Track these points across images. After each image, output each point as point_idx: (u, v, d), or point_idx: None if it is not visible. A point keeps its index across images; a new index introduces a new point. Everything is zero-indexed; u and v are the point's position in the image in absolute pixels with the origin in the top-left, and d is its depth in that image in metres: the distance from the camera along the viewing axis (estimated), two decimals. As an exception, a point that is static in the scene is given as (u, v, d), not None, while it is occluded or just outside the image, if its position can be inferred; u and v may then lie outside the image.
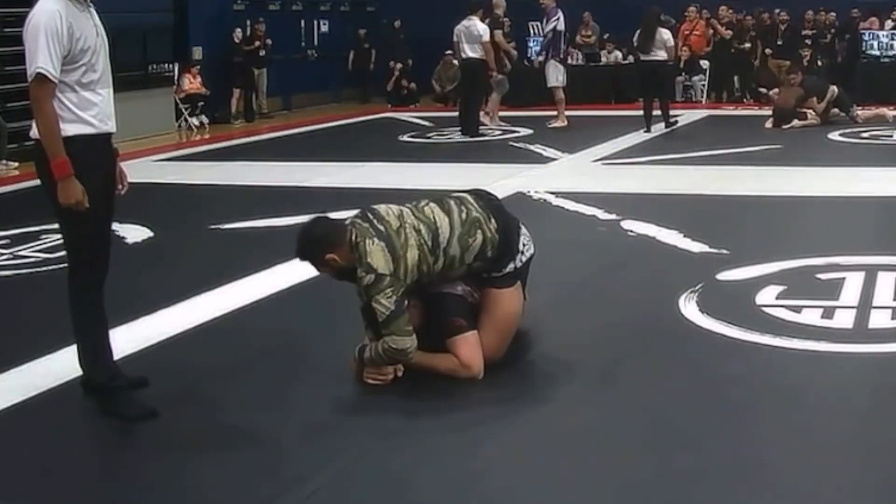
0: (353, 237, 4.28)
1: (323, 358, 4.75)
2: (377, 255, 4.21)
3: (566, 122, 14.02)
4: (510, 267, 4.53)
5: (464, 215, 4.46)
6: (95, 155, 4.06)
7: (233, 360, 4.82)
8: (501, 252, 4.49)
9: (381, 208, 4.42)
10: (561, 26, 13.99)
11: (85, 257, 4.14)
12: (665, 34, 13.49)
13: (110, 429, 4.13)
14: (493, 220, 4.50)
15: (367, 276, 4.19)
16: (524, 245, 4.61)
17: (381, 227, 4.29)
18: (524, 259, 4.60)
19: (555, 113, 14.15)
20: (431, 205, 4.50)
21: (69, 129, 3.97)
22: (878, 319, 5.05)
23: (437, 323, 4.42)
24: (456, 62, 16.91)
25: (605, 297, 5.70)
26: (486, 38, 13.21)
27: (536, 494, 3.41)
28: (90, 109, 4.04)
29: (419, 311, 4.41)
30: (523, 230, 4.65)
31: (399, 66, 18.60)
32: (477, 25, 13.20)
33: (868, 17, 17.22)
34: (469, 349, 4.32)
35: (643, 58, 13.42)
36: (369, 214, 4.39)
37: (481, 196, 4.66)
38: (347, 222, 4.39)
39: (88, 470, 3.79)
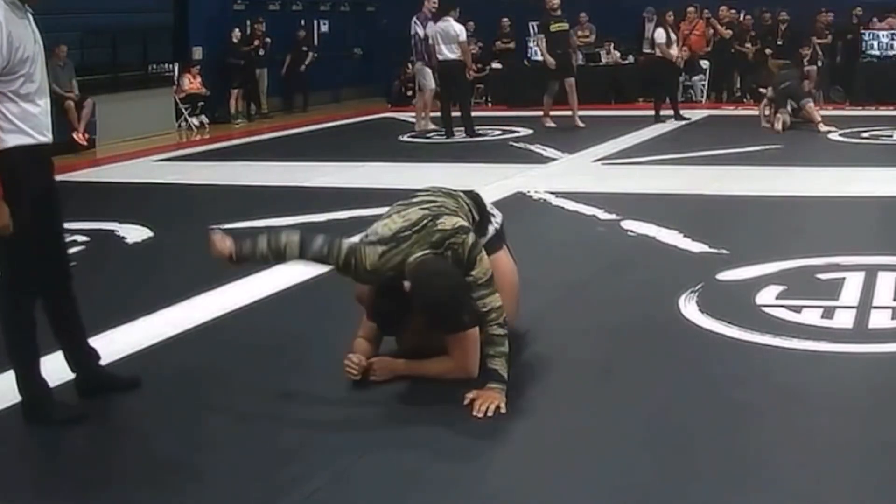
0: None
1: (323, 358, 4.74)
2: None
3: (430, 125, 14.20)
4: (491, 230, 4.62)
5: (439, 194, 4.49)
6: (34, 166, 3.95)
7: (232, 360, 4.81)
8: (479, 213, 4.58)
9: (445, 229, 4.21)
10: (421, 32, 13.84)
11: (20, 271, 4.00)
12: (657, 31, 14.39)
13: (109, 429, 4.14)
14: (454, 191, 4.61)
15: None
16: (491, 208, 4.74)
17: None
18: (499, 222, 4.71)
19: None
20: (415, 207, 4.37)
21: (9, 140, 3.85)
22: (878, 319, 5.05)
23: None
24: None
25: (605, 297, 5.70)
26: (463, 37, 13.23)
27: (536, 494, 3.40)
28: (29, 121, 3.92)
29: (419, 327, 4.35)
30: (483, 197, 4.82)
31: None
32: (453, 25, 13.19)
33: (871, 18, 17.21)
34: (466, 350, 4.30)
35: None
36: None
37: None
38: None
39: (88, 470, 3.78)
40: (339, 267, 4.22)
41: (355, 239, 4.33)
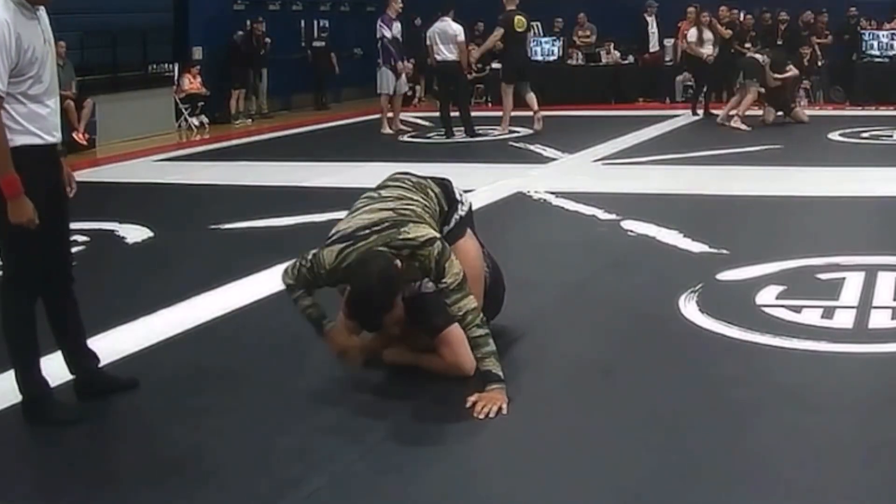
0: (433, 255, 4.11)
1: (323, 358, 4.73)
2: (454, 264, 4.14)
3: (390, 129, 14.05)
4: (456, 217, 4.60)
5: (408, 187, 4.48)
6: (40, 167, 3.94)
7: (233, 360, 4.82)
8: (448, 202, 4.59)
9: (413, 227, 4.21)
10: (388, 34, 13.74)
11: (22, 269, 4.01)
12: (707, 34, 15.03)
13: (109, 429, 4.14)
14: (425, 180, 4.62)
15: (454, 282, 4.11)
16: (460, 195, 4.71)
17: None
18: (465, 209, 4.68)
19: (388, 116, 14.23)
20: (380, 203, 4.36)
21: (16, 140, 3.85)
22: (878, 319, 5.05)
23: (421, 325, 4.38)
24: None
25: (605, 297, 5.70)
26: (461, 37, 13.22)
27: (536, 494, 3.41)
28: (37, 122, 3.92)
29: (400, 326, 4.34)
30: (454, 183, 4.78)
31: (412, 63, 18.49)
32: (452, 25, 13.20)
33: (869, 20, 17.19)
34: (453, 347, 4.28)
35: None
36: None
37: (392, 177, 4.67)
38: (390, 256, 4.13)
39: (87, 470, 3.78)
40: (308, 279, 4.30)
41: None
